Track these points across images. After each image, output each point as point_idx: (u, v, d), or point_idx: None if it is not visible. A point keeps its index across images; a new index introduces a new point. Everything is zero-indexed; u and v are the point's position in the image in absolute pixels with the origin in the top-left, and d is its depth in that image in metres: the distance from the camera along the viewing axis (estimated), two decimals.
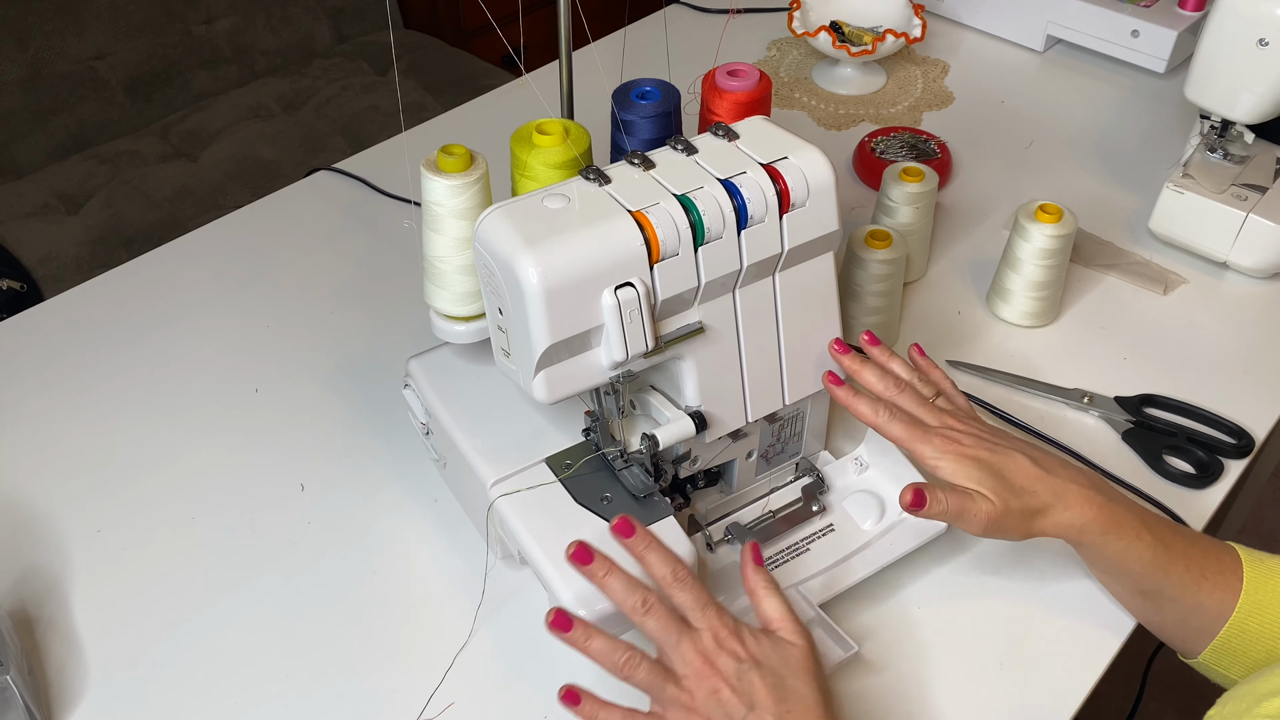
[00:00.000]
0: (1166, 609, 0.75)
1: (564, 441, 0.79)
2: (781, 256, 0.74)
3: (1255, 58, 0.98)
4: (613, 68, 1.28)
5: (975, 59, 1.43)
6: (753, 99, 0.90)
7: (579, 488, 0.76)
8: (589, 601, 0.69)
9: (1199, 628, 0.75)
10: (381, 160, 1.25)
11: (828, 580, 0.79)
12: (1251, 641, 0.73)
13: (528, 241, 0.66)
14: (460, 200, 0.75)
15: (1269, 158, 1.10)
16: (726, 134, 0.75)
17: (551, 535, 0.72)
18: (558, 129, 0.78)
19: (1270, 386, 0.98)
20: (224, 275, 1.10)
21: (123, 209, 1.75)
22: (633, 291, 0.68)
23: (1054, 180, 1.22)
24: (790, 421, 0.83)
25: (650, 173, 0.72)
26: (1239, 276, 1.09)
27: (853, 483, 0.85)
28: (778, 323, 0.77)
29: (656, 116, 0.87)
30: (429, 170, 0.75)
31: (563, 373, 0.70)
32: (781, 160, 0.73)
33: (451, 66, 2.12)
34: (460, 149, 0.75)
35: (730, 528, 0.81)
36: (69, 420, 0.95)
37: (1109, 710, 1.57)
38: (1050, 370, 0.99)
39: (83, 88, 1.89)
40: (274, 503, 0.88)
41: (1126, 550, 0.73)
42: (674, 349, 0.73)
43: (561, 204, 0.69)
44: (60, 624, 0.80)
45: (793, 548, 0.81)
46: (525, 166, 0.78)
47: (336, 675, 0.77)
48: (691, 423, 0.75)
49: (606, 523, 0.73)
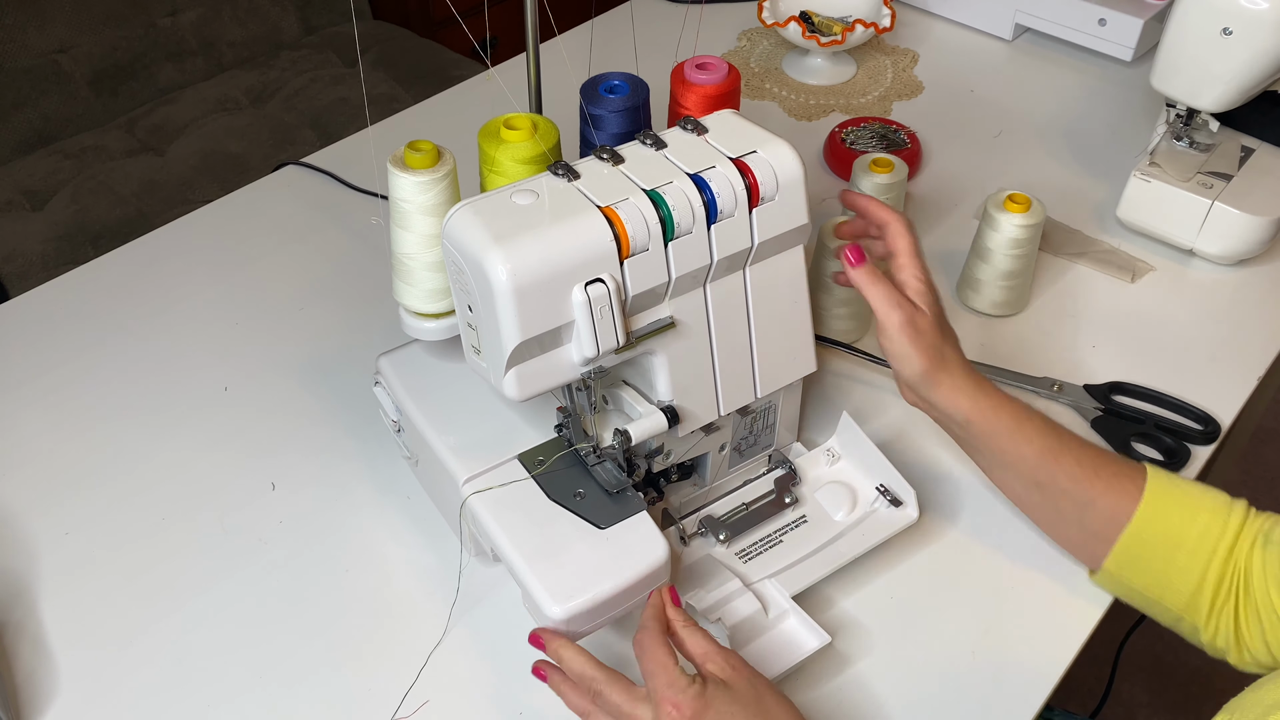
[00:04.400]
0: (1063, 504, 0.78)
1: (536, 438, 0.78)
2: (752, 250, 0.74)
3: (1220, 47, 0.99)
4: (580, 61, 1.28)
5: (944, 48, 1.44)
6: (721, 92, 0.90)
7: (552, 484, 0.75)
8: (561, 599, 0.69)
9: (1097, 531, 0.77)
10: (350, 154, 1.24)
11: (801, 571, 0.79)
12: (1151, 549, 0.75)
13: (496, 239, 0.65)
14: (428, 197, 0.75)
15: (1234, 146, 1.11)
16: (696, 128, 0.75)
17: (524, 532, 0.72)
18: (526, 124, 0.78)
19: (1236, 373, 0.99)
20: (192, 272, 1.09)
21: (89, 205, 1.72)
22: (603, 287, 0.68)
23: (1022, 169, 1.23)
24: (762, 414, 0.83)
25: (619, 168, 0.71)
26: (1205, 264, 1.10)
27: (824, 474, 0.86)
28: (749, 316, 0.77)
29: (625, 111, 0.87)
30: (396, 167, 0.75)
31: (534, 370, 0.70)
32: (751, 154, 0.73)
33: (421, 57, 2.10)
34: (427, 145, 0.75)
35: (704, 521, 0.81)
36: (36, 420, 0.94)
37: (1082, 692, 1.59)
38: (1020, 359, 1.00)
39: (46, 82, 1.86)
40: (245, 502, 0.88)
41: (1018, 429, 0.77)
42: (645, 344, 0.72)
43: (530, 200, 0.68)
44: (29, 628, 0.79)
45: (766, 539, 0.81)
46: (493, 162, 0.78)
47: (310, 675, 0.77)
48: (664, 417, 0.75)
49: (579, 518, 0.73)
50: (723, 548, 0.80)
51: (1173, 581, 0.75)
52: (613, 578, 0.70)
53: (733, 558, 0.80)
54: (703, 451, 0.81)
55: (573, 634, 0.70)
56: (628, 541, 0.72)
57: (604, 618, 0.71)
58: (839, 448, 0.86)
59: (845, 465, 0.86)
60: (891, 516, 0.82)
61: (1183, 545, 0.74)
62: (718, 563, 0.79)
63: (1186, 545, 0.74)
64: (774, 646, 0.76)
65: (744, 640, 0.75)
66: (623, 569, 0.71)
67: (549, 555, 0.71)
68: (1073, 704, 1.48)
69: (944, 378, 0.78)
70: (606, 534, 0.72)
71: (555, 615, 0.69)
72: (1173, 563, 0.75)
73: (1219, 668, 0.75)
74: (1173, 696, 1.67)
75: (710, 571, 0.79)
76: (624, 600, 0.71)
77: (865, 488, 0.84)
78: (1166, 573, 0.75)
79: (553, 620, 0.69)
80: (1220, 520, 0.74)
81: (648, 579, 0.71)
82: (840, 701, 0.75)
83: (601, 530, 0.72)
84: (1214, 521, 0.74)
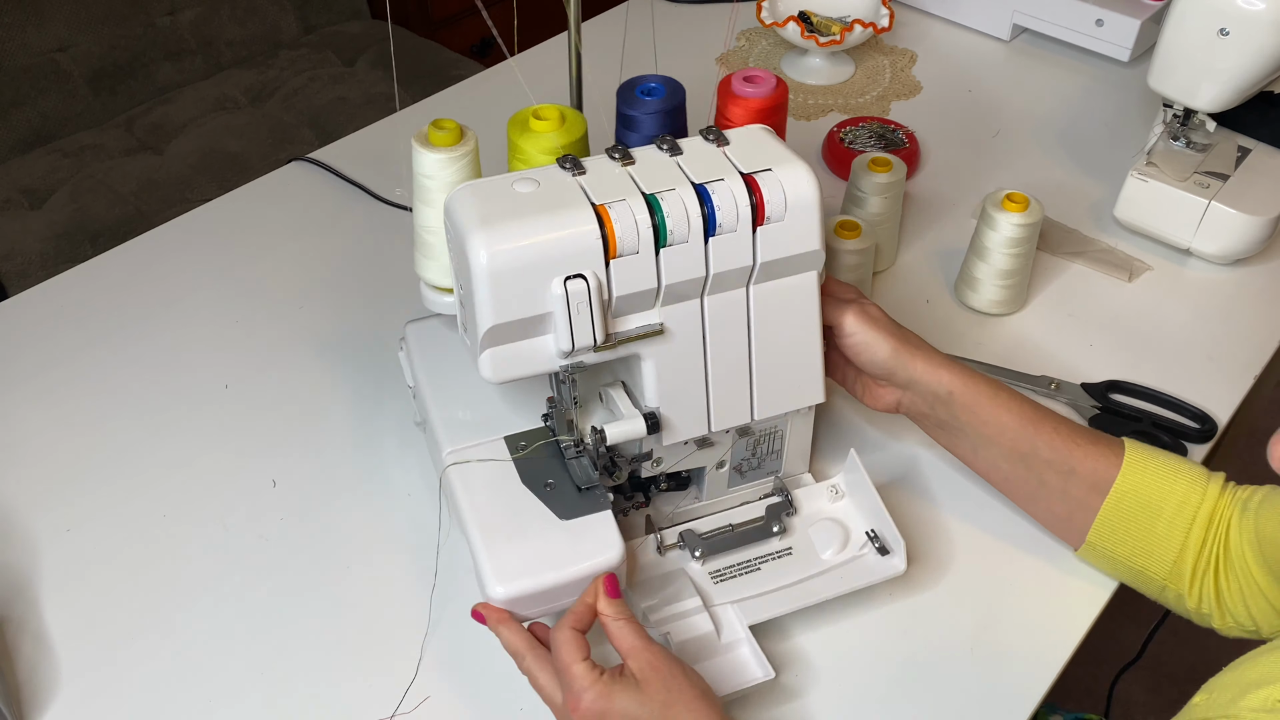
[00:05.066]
0: (1046, 475, 0.79)
1: (528, 424, 0.79)
2: (754, 269, 0.72)
3: (1217, 47, 0.99)
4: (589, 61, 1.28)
5: (943, 49, 1.44)
6: (768, 106, 0.88)
7: (527, 469, 0.76)
8: (505, 579, 0.70)
9: (1080, 499, 0.78)
10: (351, 152, 1.24)
11: (766, 603, 0.77)
12: (1132, 517, 0.77)
13: (483, 221, 0.67)
14: (449, 173, 0.77)
15: (1230, 146, 1.11)
16: (717, 138, 0.74)
17: (488, 509, 0.74)
18: (554, 115, 0.79)
19: (1233, 371, 0.99)
20: (192, 270, 1.09)
21: (87, 203, 1.72)
22: (583, 284, 0.68)
23: (1020, 169, 1.23)
24: (767, 438, 0.82)
25: (627, 168, 0.71)
26: (1202, 263, 1.11)
27: (823, 509, 0.83)
28: (750, 336, 0.75)
29: (660, 113, 0.87)
30: (420, 144, 0.77)
31: (510, 354, 0.70)
32: (764, 172, 0.71)
33: (420, 57, 2.10)
34: (451, 123, 0.77)
35: (684, 534, 0.80)
36: (36, 418, 0.94)
37: (1078, 691, 1.60)
38: (1018, 357, 1.00)
39: (44, 80, 1.86)
40: (245, 499, 0.88)
41: (996, 396, 0.78)
42: (631, 347, 0.72)
43: (531, 188, 0.69)
44: (30, 625, 0.79)
45: (744, 564, 0.80)
46: (520, 150, 0.79)
47: (311, 671, 0.77)
48: (643, 423, 0.74)
49: (544, 506, 0.74)
50: (697, 564, 0.79)
51: (1154, 549, 0.77)
52: (559, 569, 0.71)
53: (705, 576, 0.79)
54: (698, 465, 0.81)
55: (515, 616, 0.71)
56: (584, 536, 0.73)
57: (547, 605, 0.72)
58: (844, 485, 0.83)
59: (847, 504, 0.83)
60: (877, 564, 0.79)
61: (1162, 513, 0.76)
62: (688, 579, 0.78)
63: (1166, 513, 0.76)
64: (720, 671, 0.74)
65: (690, 659, 0.73)
66: (571, 562, 0.71)
67: (506, 536, 0.72)
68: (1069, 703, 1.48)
69: (918, 353, 0.80)
70: (566, 525, 0.73)
71: (497, 594, 0.70)
72: (1153, 531, 0.76)
73: (1215, 666, 0.75)
74: (1167, 693, 1.68)
75: (678, 585, 0.78)
76: (569, 593, 0.71)
77: (859, 530, 0.81)
78: (1148, 540, 0.77)
79: (494, 599, 0.70)
80: (1199, 488, 0.76)
81: (595, 576, 0.72)
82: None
83: (562, 521, 0.73)
84: (1193, 489, 0.76)
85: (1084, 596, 0.82)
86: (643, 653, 0.67)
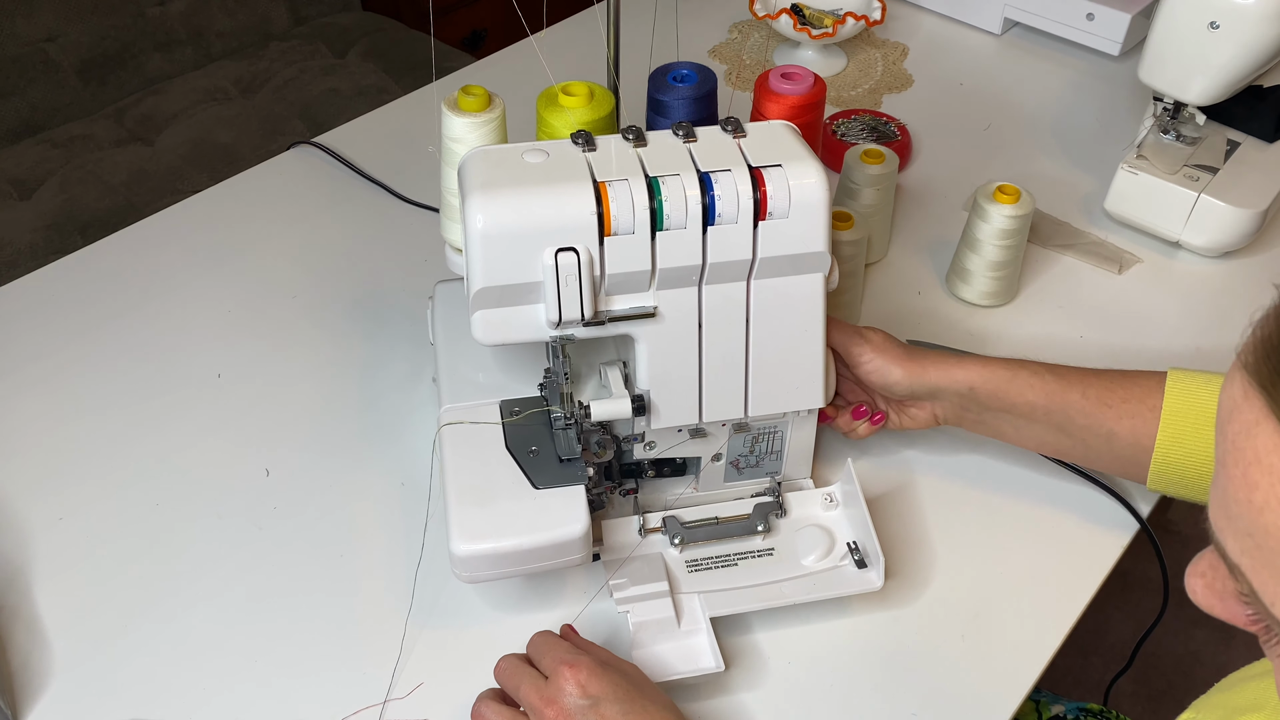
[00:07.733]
0: (1089, 440, 0.79)
1: (530, 392, 0.81)
2: (753, 263, 0.72)
3: (1207, 40, 1.00)
4: (582, 54, 1.28)
5: (934, 42, 1.44)
6: (805, 103, 0.88)
7: (515, 435, 0.78)
8: (467, 538, 0.72)
9: (1130, 458, 0.78)
10: (349, 139, 1.24)
11: (732, 598, 0.77)
12: (1183, 470, 0.76)
13: (484, 186, 0.68)
14: (476, 137, 0.79)
15: (1220, 139, 1.12)
16: (735, 130, 0.74)
17: (467, 469, 0.75)
18: (583, 91, 0.81)
19: (1221, 363, 1.00)
20: (183, 260, 1.09)
21: (77, 194, 1.72)
22: (574, 258, 0.68)
23: (1011, 161, 1.24)
24: (766, 437, 0.82)
25: (638, 149, 0.72)
26: (1191, 256, 1.11)
27: (815, 515, 0.82)
28: (747, 331, 0.75)
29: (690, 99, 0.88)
30: (449, 108, 0.79)
31: (500, 318, 0.72)
32: (773, 167, 0.70)
33: (412, 49, 2.10)
34: (479, 90, 0.80)
35: (667, 519, 0.81)
36: (27, 407, 0.94)
37: (1067, 681, 1.61)
38: (1008, 349, 1.00)
39: (33, 70, 1.85)
40: (239, 488, 0.88)
41: (1014, 377, 0.78)
42: (623, 327, 0.73)
43: (540, 159, 0.70)
44: (24, 613, 0.79)
45: (721, 558, 0.80)
46: (547, 124, 0.81)
47: (305, 659, 0.77)
48: (629, 404, 0.75)
49: (521, 473, 0.75)
50: (675, 551, 0.80)
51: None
52: (521, 536, 0.72)
53: (680, 563, 0.79)
54: (691, 454, 0.81)
55: (474, 577, 0.74)
56: (553, 508, 0.74)
57: (507, 569, 0.73)
58: (839, 494, 0.83)
59: (839, 514, 0.82)
60: (854, 577, 0.78)
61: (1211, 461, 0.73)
62: (663, 564, 0.78)
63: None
64: (671, 656, 0.74)
65: (647, 640, 0.74)
66: (533, 530, 0.72)
67: (479, 497, 0.74)
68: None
69: (928, 363, 0.80)
70: (537, 494, 0.74)
71: (458, 551, 0.72)
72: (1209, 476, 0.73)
73: (1200, 657, 0.75)
74: (1156, 685, 1.69)
75: (652, 568, 0.78)
76: (529, 560, 0.73)
77: (843, 540, 0.81)
78: (1202, 483, 0.75)
79: (454, 555, 0.72)
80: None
81: (556, 548, 0.73)
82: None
83: (535, 490, 0.74)
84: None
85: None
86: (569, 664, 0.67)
